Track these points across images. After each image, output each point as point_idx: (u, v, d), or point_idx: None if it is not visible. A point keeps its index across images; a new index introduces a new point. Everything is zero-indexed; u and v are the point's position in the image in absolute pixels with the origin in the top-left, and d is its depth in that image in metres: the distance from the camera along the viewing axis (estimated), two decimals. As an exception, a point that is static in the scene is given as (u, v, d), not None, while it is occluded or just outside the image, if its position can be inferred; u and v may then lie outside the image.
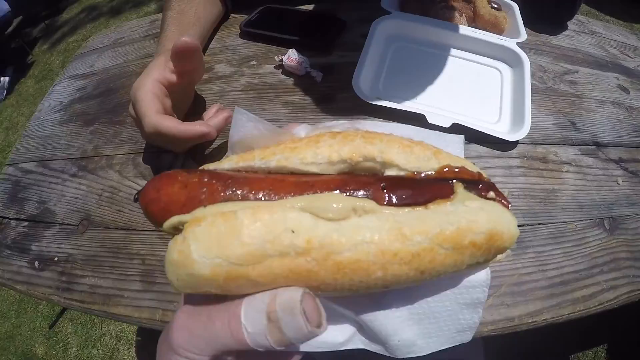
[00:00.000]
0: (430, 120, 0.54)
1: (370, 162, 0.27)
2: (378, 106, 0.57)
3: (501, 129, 0.58)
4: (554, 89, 0.69)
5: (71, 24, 3.82)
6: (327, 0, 0.82)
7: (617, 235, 0.57)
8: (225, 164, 0.30)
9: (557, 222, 0.54)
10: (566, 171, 0.59)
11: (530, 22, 0.82)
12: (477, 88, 0.61)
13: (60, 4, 4.11)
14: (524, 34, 0.65)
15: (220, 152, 0.59)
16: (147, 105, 0.51)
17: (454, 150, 0.35)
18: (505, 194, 0.29)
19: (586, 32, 0.91)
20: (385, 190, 0.26)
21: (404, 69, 0.62)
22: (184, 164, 0.58)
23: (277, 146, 0.29)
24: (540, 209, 0.54)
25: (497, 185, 0.30)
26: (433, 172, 0.28)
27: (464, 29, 0.63)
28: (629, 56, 0.92)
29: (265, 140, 0.31)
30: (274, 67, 0.67)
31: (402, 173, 0.28)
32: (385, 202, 0.26)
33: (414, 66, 0.62)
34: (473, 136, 0.57)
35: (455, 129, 0.56)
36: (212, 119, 0.55)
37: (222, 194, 0.27)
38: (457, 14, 0.66)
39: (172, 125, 0.50)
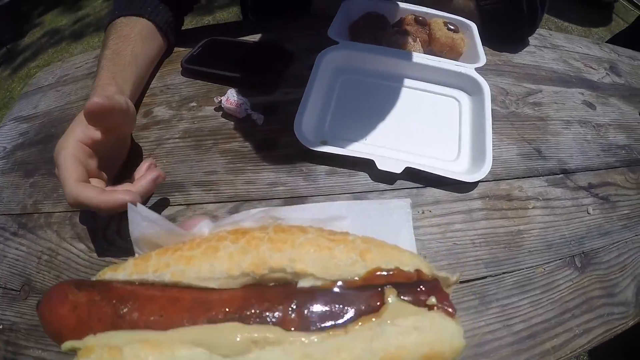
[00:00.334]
0: (380, 166, 0.49)
1: (279, 273, 0.22)
2: (323, 152, 0.52)
3: (460, 167, 0.53)
4: (517, 113, 0.65)
5: (33, 48, 3.73)
6: (276, 29, 0.77)
7: (589, 272, 0.53)
8: (120, 274, 0.25)
9: (523, 269, 0.50)
10: (532, 207, 0.55)
11: (490, 41, 0.79)
12: (433, 121, 0.56)
13: (22, 27, 4.02)
14: (483, 57, 0.61)
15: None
16: (67, 173, 0.45)
17: (400, 218, 0.30)
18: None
19: (548, 47, 0.88)
20: (295, 311, 0.21)
21: (353, 105, 0.57)
22: (119, 228, 0.52)
23: (173, 253, 0.24)
24: (505, 256, 0.50)
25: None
26: (358, 279, 0.23)
27: (418, 57, 0.59)
28: (592, 68, 0.89)
29: (164, 239, 0.26)
30: (214, 109, 0.62)
31: (318, 283, 0.22)
32: (294, 328, 0.21)
33: (364, 101, 0.58)
34: (429, 179, 0.52)
35: (409, 173, 0.51)
36: (139, 181, 0.49)
37: (112, 319, 0.23)
38: (410, 40, 0.61)
39: (93, 195, 0.44)
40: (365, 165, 0.52)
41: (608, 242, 0.57)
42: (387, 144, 0.53)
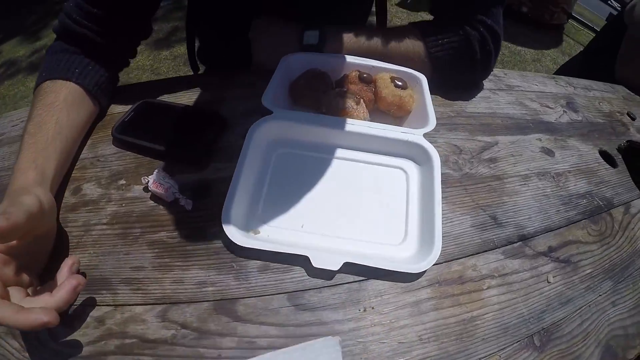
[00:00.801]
0: (316, 263, 0.44)
1: None
2: (253, 249, 0.47)
3: (407, 252, 0.48)
4: (471, 174, 0.61)
5: (-12, 79, 3.64)
6: (212, 86, 0.71)
7: (550, 349, 0.49)
8: None
9: (477, 360, 0.45)
10: (487, 287, 0.51)
11: (442, 89, 0.76)
12: (378, 198, 0.51)
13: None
14: (432, 120, 0.56)
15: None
16: None
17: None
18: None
19: (503, 89, 0.85)
20: None
21: (289, 184, 0.51)
22: (52, 330, 0.45)
23: None
24: (456, 349, 0.45)
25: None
26: None
27: (360, 125, 0.54)
28: (549, 107, 0.87)
29: None
30: (143, 189, 0.56)
31: None
32: None
33: (301, 179, 0.52)
34: (372, 270, 0.47)
35: (349, 264, 0.46)
36: (59, 290, 0.43)
37: None
38: (353, 103, 0.56)
39: (8, 315, 0.38)
40: (302, 258, 0.46)
41: (570, 310, 0.53)
42: (326, 231, 0.48)
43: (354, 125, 0.53)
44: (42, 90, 0.60)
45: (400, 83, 0.60)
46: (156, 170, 0.53)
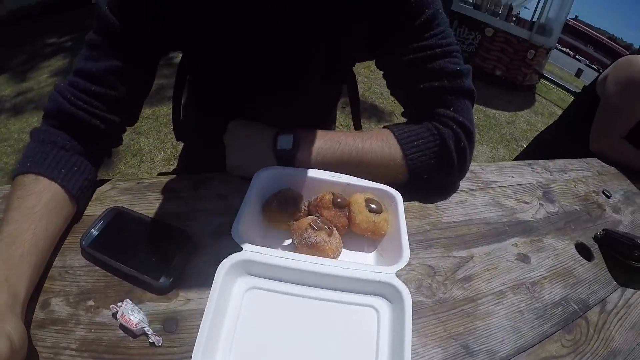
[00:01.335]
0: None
1: None
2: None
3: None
4: (445, 299, 0.62)
5: (-31, 118, 3.67)
6: (186, 196, 0.72)
7: None
8: None
9: None
10: None
11: (419, 193, 0.77)
12: (347, 341, 0.51)
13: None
14: (406, 255, 0.57)
15: None
16: None
17: None
18: None
19: (480, 187, 0.88)
20: None
21: (257, 327, 0.51)
22: None
23: None
24: None
25: None
26: None
27: (332, 266, 0.54)
28: (525, 203, 0.89)
29: None
30: (112, 315, 0.55)
31: None
32: None
33: (271, 320, 0.51)
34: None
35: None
36: None
37: None
38: (325, 236, 0.57)
39: None
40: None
41: None
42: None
43: (325, 266, 0.54)
44: (24, 185, 0.60)
45: (374, 206, 0.61)
46: (125, 301, 0.53)
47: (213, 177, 0.77)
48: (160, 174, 1.33)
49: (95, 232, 0.63)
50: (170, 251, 0.60)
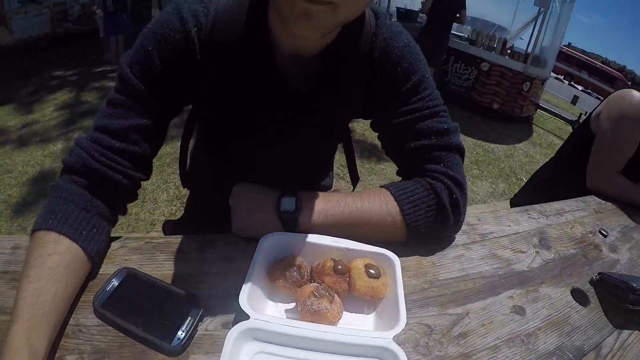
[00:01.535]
0: None
1: None
2: None
3: None
4: (441, 357, 0.65)
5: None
6: (194, 258, 0.76)
7: None
8: None
9: None
10: None
11: (413, 248, 0.81)
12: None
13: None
14: (403, 319, 0.60)
15: None
16: None
17: None
18: None
19: (476, 240, 0.91)
20: None
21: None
22: None
23: None
24: None
25: None
26: None
27: (333, 333, 0.58)
28: (522, 252, 0.93)
29: None
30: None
31: None
32: None
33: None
34: None
35: None
36: None
37: None
38: (326, 303, 0.61)
39: None
40: None
41: None
42: None
43: (326, 333, 0.57)
44: (46, 243, 0.63)
45: (373, 272, 0.65)
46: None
47: (218, 238, 0.81)
48: (166, 222, 1.37)
49: (107, 293, 0.67)
50: (180, 314, 0.64)
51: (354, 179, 1.18)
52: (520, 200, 1.95)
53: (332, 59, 0.76)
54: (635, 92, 1.45)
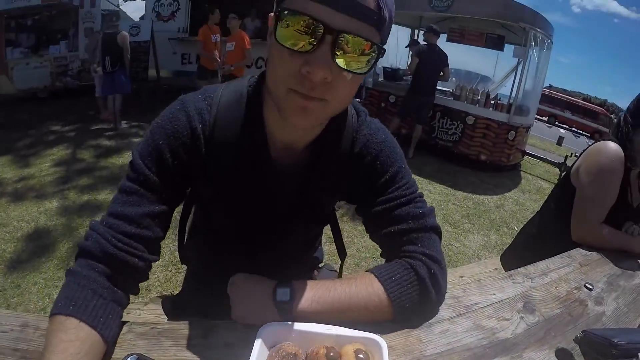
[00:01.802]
0: None
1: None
2: None
3: None
4: None
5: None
6: (196, 341, 0.81)
7: None
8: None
9: None
10: None
11: (403, 327, 0.86)
12: None
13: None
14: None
15: None
16: None
17: None
18: None
19: (462, 313, 0.97)
20: None
21: None
22: None
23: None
24: None
25: None
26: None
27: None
28: (506, 319, 0.98)
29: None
30: None
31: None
32: None
33: None
34: None
35: None
36: None
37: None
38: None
39: None
40: None
41: None
42: None
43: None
44: (67, 329, 0.68)
45: (362, 356, 0.71)
46: None
47: (219, 325, 0.86)
48: (165, 298, 1.40)
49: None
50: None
51: (342, 254, 1.26)
52: (509, 256, 2.01)
53: (319, 151, 0.87)
54: (610, 144, 1.56)
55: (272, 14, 0.70)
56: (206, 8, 6.58)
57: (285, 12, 0.64)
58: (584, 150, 1.71)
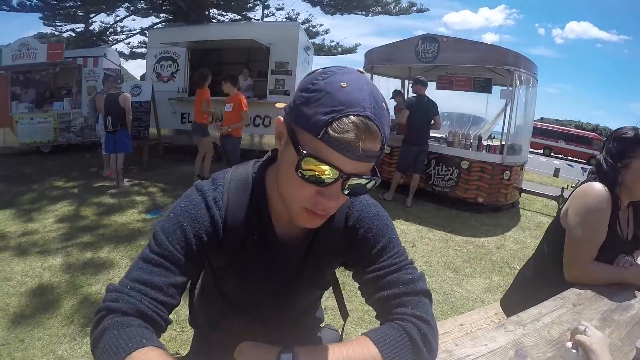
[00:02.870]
0: None
1: None
2: None
3: None
4: None
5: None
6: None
7: None
8: None
9: None
10: None
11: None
12: None
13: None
14: None
15: None
16: None
17: None
18: None
19: (455, 366, 1.03)
20: None
21: None
22: None
23: None
24: None
25: None
26: None
27: None
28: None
29: None
30: None
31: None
32: None
33: None
34: None
35: None
36: None
37: None
38: None
39: None
40: None
41: None
42: None
43: None
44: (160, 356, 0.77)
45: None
46: None
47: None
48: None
49: None
50: None
51: (344, 315, 1.35)
52: (508, 300, 2.05)
53: (318, 227, 0.99)
54: (596, 184, 1.63)
55: (281, 118, 0.84)
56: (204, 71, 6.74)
57: (309, 157, 0.77)
58: (571, 193, 1.77)
